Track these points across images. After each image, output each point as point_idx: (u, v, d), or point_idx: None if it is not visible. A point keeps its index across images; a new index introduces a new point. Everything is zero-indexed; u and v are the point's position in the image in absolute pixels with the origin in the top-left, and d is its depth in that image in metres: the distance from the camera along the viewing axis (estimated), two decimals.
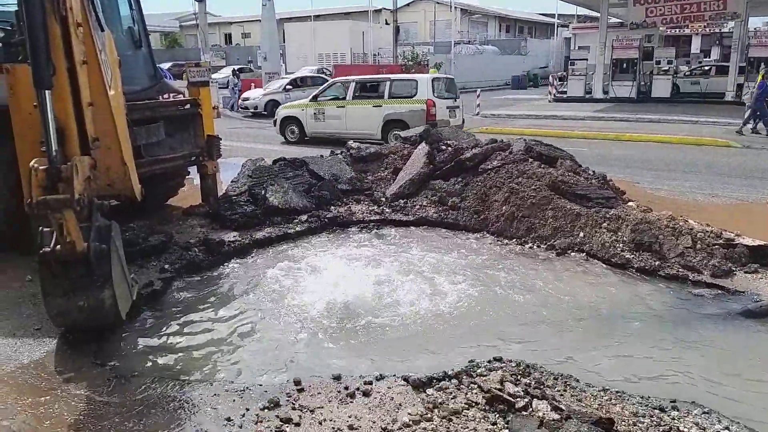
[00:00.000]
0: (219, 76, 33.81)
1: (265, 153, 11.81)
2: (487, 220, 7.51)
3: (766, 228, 7.27)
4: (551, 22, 58.42)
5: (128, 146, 5.15)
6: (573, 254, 6.59)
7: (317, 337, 4.79)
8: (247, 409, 3.61)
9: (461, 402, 3.64)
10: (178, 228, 7.30)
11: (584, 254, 6.54)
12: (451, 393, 3.74)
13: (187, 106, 7.63)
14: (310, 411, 3.60)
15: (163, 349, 4.60)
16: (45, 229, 3.98)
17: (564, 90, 28.82)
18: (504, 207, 7.44)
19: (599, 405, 3.66)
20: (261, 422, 3.49)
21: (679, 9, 26.09)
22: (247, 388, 3.86)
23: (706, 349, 4.64)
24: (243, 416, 3.55)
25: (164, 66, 30.68)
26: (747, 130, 16.41)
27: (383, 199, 8.45)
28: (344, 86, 15.64)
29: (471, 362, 4.13)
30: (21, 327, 4.81)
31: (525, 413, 3.48)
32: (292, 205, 7.82)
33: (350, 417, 3.53)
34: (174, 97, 8.15)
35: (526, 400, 3.57)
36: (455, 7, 50.50)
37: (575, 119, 20.70)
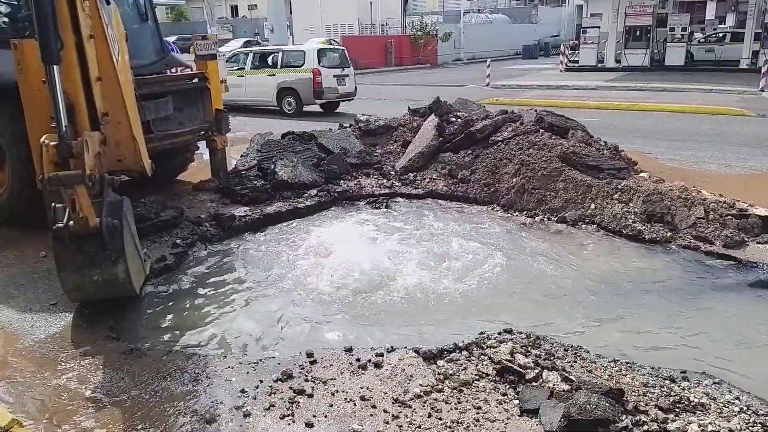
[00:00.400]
0: (226, 50, 33.53)
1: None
2: (498, 193, 7.48)
3: None
4: None
5: (137, 121, 5.15)
6: (584, 226, 6.57)
7: (328, 310, 4.83)
8: (261, 381, 3.67)
9: (472, 373, 3.67)
10: (189, 203, 7.33)
11: (595, 226, 6.51)
12: (462, 364, 3.77)
13: (195, 80, 7.59)
14: (323, 382, 3.65)
15: (177, 323, 4.66)
16: (58, 205, 4.02)
17: (576, 59, 28.37)
18: (514, 179, 7.39)
19: (609, 376, 3.68)
20: (275, 393, 3.55)
21: None
22: (261, 361, 3.92)
23: (718, 320, 4.64)
24: (257, 388, 3.61)
25: (169, 39, 30.39)
26: None
27: (392, 173, 8.43)
28: (244, 57, 16.93)
29: (481, 334, 4.16)
30: (37, 302, 4.89)
31: (535, 384, 3.51)
32: (302, 180, 7.82)
33: (362, 388, 3.58)
34: (182, 71, 8.11)
35: (537, 371, 3.60)
36: None
37: (587, 89, 20.42)
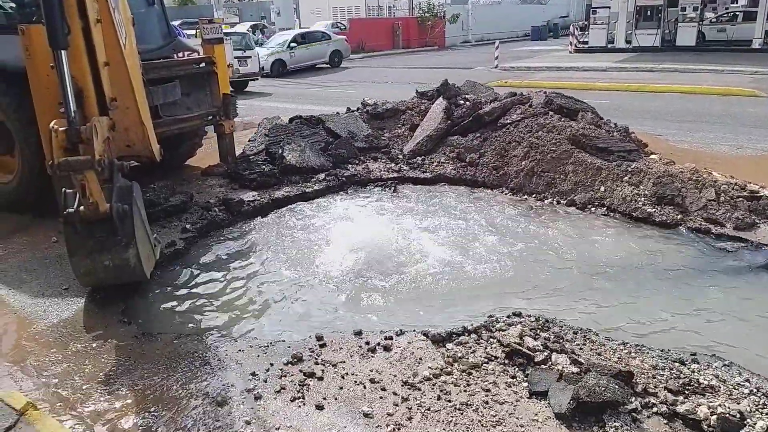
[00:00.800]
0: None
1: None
2: (506, 176, 7.44)
3: None
4: None
5: (145, 106, 5.15)
6: (593, 209, 6.54)
7: (337, 294, 4.85)
8: (272, 364, 3.70)
9: (481, 356, 3.68)
10: (198, 188, 7.35)
11: (605, 209, 6.48)
12: (471, 347, 3.79)
13: (202, 65, 7.57)
14: (333, 365, 3.68)
15: (188, 307, 4.70)
16: (68, 191, 4.04)
17: (585, 40, 27.98)
18: (523, 162, 7.35)
19: (618, 358, 3.68)
20: (285, 376, 3.58)
21: None
22: (271, 344, 3.95)
23: (728, 303, 4.62)
24: (267, 371, 3.64)
25: (174, 24, 30.25)
26: None
27: (400, 157, 8.40)
28: None
29: (490, 317, 4.17)
30: (49, 287, 4.94)
31: (544, 367, 3.52)
32: (310, 164, 7.81)
33: (372, 371, 3.60)
34: (188, 56, 8.08)
35: (546, 354, 3.61)
36: None
37: (597, 70, 20.19)
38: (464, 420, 3.15)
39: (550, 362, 3.55)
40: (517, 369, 3.56)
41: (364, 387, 3.46)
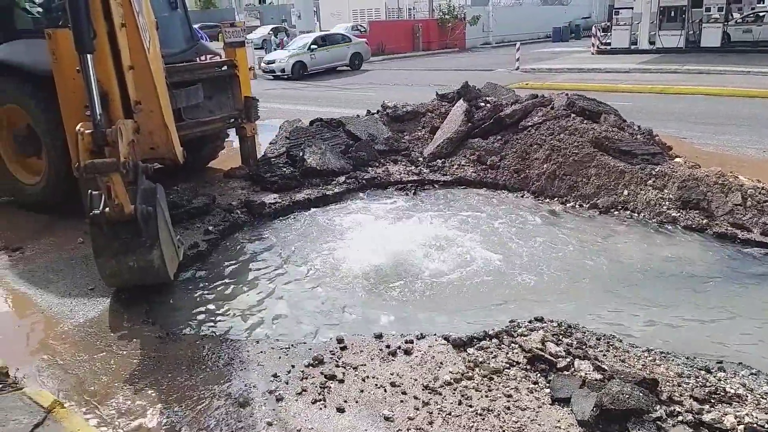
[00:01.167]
0: (254, 37, 33.61)
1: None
2: (528, 179, 7.39)
3: None
4: None
5: (169, 109, 5.21)
6: (616, 213, 6.46)
7: (358, 297, 4.85)
8: (293, 366, 3.72)
9: (502, 361, 3.66)
10: (220, 190, 7.43)
11: (628, 213, 6.40)
12: (492, 352, 3.76)
13: (224, 68, 7.64)
14: (353, 368, 3.68)
15: (210, 308, 4.74)
16: (94, 192, 4.10)
17: (608, 41, 27.66)
18: (545, 165, 7.29)
19: (643, 365, 3.62)
20: (306, 378, 3.59)
21: None
22: (292, 346, 3.97)
23: (755, 310, 4.52)
24: (289, 373, 3.66)
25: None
26: None
27: (420, 159, 8.39)
28: None
29: (512, 322, 4.13)
30: (75, 287, 5.02)
31: (567, 373, 3.48)
32: (330, 167, 7.84)
33: (392, 374, 3.60)
34: (211, 59, 8.17)
35: (568, 360, 3.57)
36: None
37: (620, 72, 19.94)
38: (486, 426, 3.13)
39: (573, 368, 3.51)
40: (539, 375, 3.53)
41: (385, 390, 3.46)
